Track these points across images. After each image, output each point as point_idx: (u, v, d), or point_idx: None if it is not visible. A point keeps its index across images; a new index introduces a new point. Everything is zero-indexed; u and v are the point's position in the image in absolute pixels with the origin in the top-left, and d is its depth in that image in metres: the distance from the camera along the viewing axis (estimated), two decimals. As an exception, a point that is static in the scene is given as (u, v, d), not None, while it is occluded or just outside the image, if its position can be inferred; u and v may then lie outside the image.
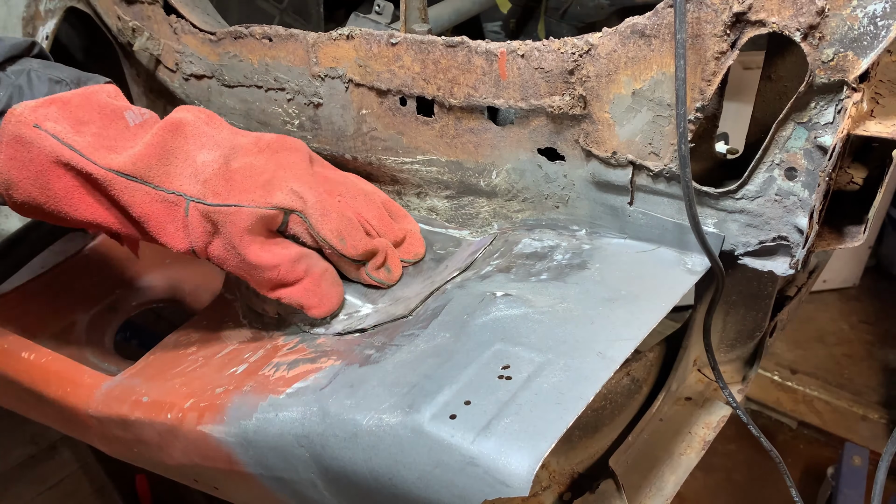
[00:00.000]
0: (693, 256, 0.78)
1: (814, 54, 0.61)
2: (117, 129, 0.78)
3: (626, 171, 0.77)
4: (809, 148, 0.65)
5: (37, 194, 0.75)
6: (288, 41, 0.94)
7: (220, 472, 0.87)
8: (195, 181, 0.76)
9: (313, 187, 0.81)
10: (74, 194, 0.76)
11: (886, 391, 2.42)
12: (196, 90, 1.11)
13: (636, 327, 0.69)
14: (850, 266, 2.81)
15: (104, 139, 0.76)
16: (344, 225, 0.82)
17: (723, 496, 2.22)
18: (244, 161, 0.79)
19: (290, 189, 0.79)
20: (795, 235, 0.70)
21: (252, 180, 0.78)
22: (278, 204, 0.77)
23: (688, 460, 0.95)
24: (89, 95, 0.79)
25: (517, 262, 0.84)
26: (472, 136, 0.87)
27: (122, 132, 0.78)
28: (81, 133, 0.75)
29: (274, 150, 0.83)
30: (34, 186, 0.75)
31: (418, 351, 0.73)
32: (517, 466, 0.56)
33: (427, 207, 1.00)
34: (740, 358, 1.07)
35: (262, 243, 0.78)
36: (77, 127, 0.75)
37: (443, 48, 0.81)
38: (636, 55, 0.69)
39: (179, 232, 0.77)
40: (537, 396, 0.61)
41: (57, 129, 0.73)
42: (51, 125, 0.73)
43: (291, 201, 0.78)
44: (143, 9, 1.10)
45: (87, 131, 0.75)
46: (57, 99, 0.76)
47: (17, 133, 0.72)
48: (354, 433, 0.66)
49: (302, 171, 0.82)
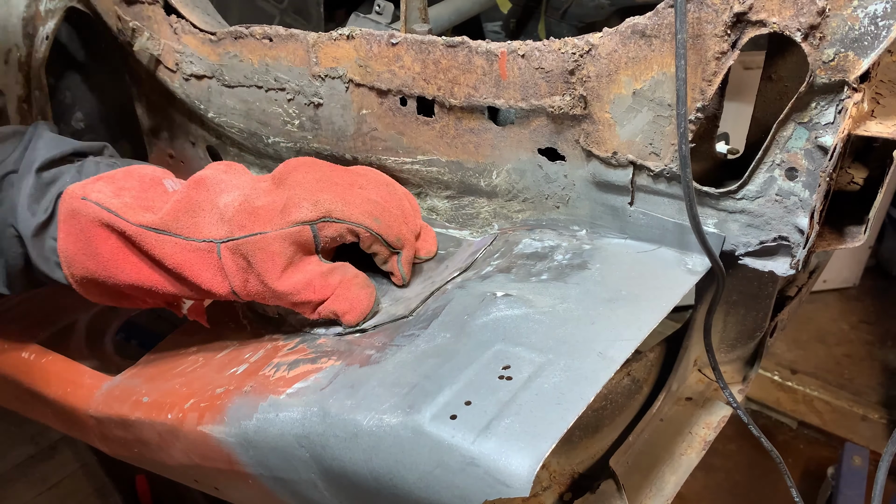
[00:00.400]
0: (693, 256, 0.78)
1: (814, 54, 0.61)
2: (155, 194, 0.83)
3: (626, 171, 0.77)
4: (810, 148, 0.65)
5: (89, 263, 0.80)
6: (288, 41, 0.94)
7: (221, 472, 0.87)
8: (221, 223, 0.79)
9: (328, 189, 0.82)
10: (119, 255, 0.80)
11: (886, 391, 2.42)
12: (196, 90, 1.11)
13: (636, 328, 0.69)
14: (850, 266, 2.81)
15: (141, 201, 0.81)
16: (373, 207, 0.82)
17: (723, 496, 2.22)
18: (266, 199, 0.81)
19: (307, 202, 0.80)
20: (796, 236, 0.70)
21: (272, 210, 0.80)
22: (298, 220, 0.78)
23: (688, 460, 0.95)
24: (133, 169, 0.86)
25: (518, 262, 0.84)
26: (473, 137, 0.87)
27: (160, 196, 0.83)
28: (120, 197, 0.80)
29: (284, 178, 0.84)
30: (86, 255, 0.80)
31: (419, 351, 0.73)
32: (518, 467, 0.56)
33: (427, 207, 1.00)
34: (741, 358, 1.07)
35: (293, 267, 0.80)
36: (118, 193, 0.81)
37: (443, 48, 0.81)
38: (636, 55, 0.69)
39: (217, 277, 0.80)
40: (538, 397, 0.61)
41: (100, 198, 0.79)
42: (95, 195, 0.79)
43: (310, 212, 0.79)
44: (143, 9, 1.10)
45: (126, 195, 0.81)
46: (104, 175, 0.83)
47: (69, 208, 0.79)
48: (355, 433, 0.66)
49: (313, 182, 0.83)
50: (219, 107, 1.09)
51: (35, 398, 1.08)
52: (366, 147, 0.97)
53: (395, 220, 0.84)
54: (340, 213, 0.80)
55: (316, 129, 1.00)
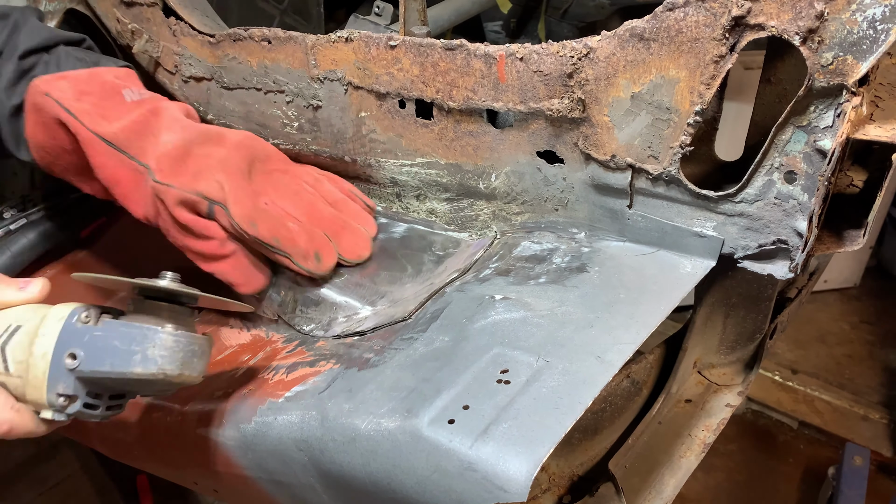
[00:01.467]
0: (693, 259, 0.78)
1: (813, 58, 0.60)
2: (114, 103, 0.89)
3: (625, 174, 0.76)
4: (809, 151, 0.65)
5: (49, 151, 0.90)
6: (287, 43, 0.94)
7: (220, 475, 0.87)
8: (154, 158, 0.86)
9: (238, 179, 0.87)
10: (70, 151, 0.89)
11: (887, 391, 2.42)
12: (195, 92, 1.11)
13: (635, 331, 0.69)
14: (850, 266, 2.81)
15: (100, 109, 0.88)
16: (257, 213, 0.87)
17: (723, 496, 2.22)
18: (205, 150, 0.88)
19: (216, 179, 0.85)
20: (795, 239, 0.70)
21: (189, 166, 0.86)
22: (201, 191, 0.85)
23: (688, 463, 0.95)
24: (96, 73, 0.92)
25: (516, 265, 0.84)
26: (471, 139, 0.87)
27: (118, 106, 0.89)
28: (81, 101, 0.87)
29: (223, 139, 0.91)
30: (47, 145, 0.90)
31: (417, 355, 0.73)
32: (515, 472, 0.56)
33: (426, 210, 1.00)
34: (740, 360, 1.07)
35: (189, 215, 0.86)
36: (79, 96, 0.87)
37: (441, 51, 0.81)
38: (635, 59, 0.69)
39: (140, 200, 0.88)
40: (536, 401, 0.61)
41: (61, 97, 0.86)
42: (57, 93, 0.86)
43: (214, 191, 0.85)
44: (142, 11, 1.10)
45: (86, 101, 0.87)
46: (68, 74, 0.90)
47: (33, 101, 0.88)
48: (353, 438, 0.66)
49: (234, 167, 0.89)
50: (218, 109, 1.09)
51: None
52: (364, 149, 0.97)
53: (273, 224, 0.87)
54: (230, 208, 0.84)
55: (315, 131, 1.00)
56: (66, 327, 0.65)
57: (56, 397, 0.64)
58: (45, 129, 0.89)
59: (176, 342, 0.65)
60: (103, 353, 0.63)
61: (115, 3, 1.13)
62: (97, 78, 0.90)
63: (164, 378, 0.64)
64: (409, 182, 0.98)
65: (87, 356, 0.63)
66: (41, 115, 0.88)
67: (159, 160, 0.85)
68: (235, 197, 0.85)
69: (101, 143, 0.86)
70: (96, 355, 0.64)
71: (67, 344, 0.64)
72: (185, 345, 0.66)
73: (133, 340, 0.63)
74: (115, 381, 0.65)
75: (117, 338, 0.64)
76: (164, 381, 0.65)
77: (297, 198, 0.92)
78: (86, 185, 0.95)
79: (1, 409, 0.65)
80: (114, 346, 0.63)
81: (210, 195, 0.84)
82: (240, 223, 0.84)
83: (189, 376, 0.67)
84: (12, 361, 0.65)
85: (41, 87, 0.87)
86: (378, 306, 0.88)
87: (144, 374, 0.63)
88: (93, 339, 0.64)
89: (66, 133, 0.88)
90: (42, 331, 0.65)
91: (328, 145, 1.00)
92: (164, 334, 0.64)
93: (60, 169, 0.94)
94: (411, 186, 0.98)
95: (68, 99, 0.86)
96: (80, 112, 0.86)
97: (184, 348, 0.65)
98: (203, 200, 0.84)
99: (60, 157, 0.92)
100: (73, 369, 0.64)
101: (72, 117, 0.86)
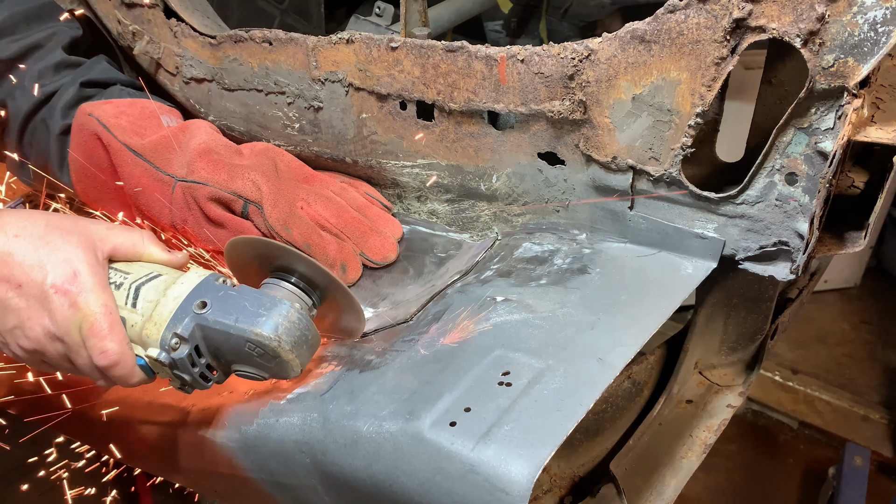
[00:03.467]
0: (694, 261, 0.78)
1: (814, 60, 0.60)
2: (150, 124, 0.95)
3: (626, 175, 0.77)
4: (810, 153, 0.65)
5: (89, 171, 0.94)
6: (288, 45, 0.94)
7: (222, 476, 0.87)
8: (184, 164, 0.89)
9: (273, 182, 0.89)
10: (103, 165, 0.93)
11: (888, 391, 2.42)
12: (196, 93, 1.11)
13: (637, 333, 0.69)
14: (851, 266, 2.80)
15: (136, 127, 0.94)
16: (292, 218, 0.88)
17: (723, 496, 2.22)
18: (224, 153, 0.91)
19: (251, 179, 0.88)
20: (796, 241, 0.70)
21: (222, 165, 0.89)
22: (237, 190, 0.87)
23: (689, 464, 0.95)
24: (139, 101, 0.98)
25: (517, 266, 0.84)
26: (473, 140, 0.87)
27: (154, 127, 0.95)
28: (118, 119, 0.93)
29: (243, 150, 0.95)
30: (88, 161, 0.94)
31: (418, 357, 0.73)
32: (517, 474, 0.56)
33: (428, 211, 1.00)
34: (741, 360, 1.07)
35: (224, 212, 0.88)
36: (117, 115, 0.94)
37: (442, 53, 0.81)
38: (636, 60, 0.69)
39: (164, 209, 0.90)
40: (537, 403, 0.61)
41: (101, 115, 0.93)
42: (98, 112, 0.93)
43: (250, 190, 0.87)
44: (143, 12, 1.10)
45: (124, 119, 0.94)
46: (114, 101, 0.96)
47: (79, 121, 0.94)
48: (355, 440, 0.66)
49: (267, 170, 0.91)
50: (219, 110, 1.09)
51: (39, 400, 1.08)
52: (366, 150, 0.97)
53: (306, 230, 0.89)
54: (266, 210, 0.87)
55: (316, 132, 1.00)
56: (205, 281, 0.72)
57: (171, 336, 0.69)
58: (84, 148, 0.93)
59: (299, 320, 0.71)
60: (232, 308, 0.69)
61: (116, 4, 1.13)
62: (139, 104, 0.97)
63: (276, 347, 0.68)
64: (410, 183, 0.98)
65: (215, 307, 0.69)
66: (83, 134, 0.93)
67: (191, 162, 0.88)
68: (273, 199, 0.87)
69: (129, 154, 0.90)
70: (225, 308, 0.69)
71: (201, 294, 0.70)
72: (304, 327, 0.71)
73: (262, 305, 0.69)
74: (229, 340, 0.69)
75: (248, 300, 0.70)
76: (275, 351, 0.69)
77: (328, 203, 0.94)
78: (118, 209, 0.97)
79: (116, 340, 0.69)
80: (243, 305, 0.69)
81: (246, 195, 0.86)
82: (274, 226, 0.86)
83: (294, 360, 0.70)
84: (142, 300, 0.71)
85: (87, 109, 0.94)
86: (380, 308, 0.88)
87: (262, 337, 0.68)
88: (227, 295, 0.70)
89: (101, 148, 0.92)
90: (181, 280, 0.72)
91: (329, 147, 1.00)
92: (292, 309, 0.70)
93: (96, 193, 0.97)
94: (412, 188, 0.98)
95: (107, 117, 0.93)
96: (115, 127, 0.92)
97: (302, 329, 0.71)
98: (238, 199, 0.87)
99: (95, 177, 0.95)
100: (199, 314, 0.69)
101: (106, 131, 0.91)
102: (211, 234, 0.89)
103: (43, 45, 1.00)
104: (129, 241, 0.74)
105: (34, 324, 0.68)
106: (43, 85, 0.97)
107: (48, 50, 1.00)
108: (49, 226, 0.70)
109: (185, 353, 0.69)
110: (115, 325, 0.69)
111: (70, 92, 0.97)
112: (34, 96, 0.97)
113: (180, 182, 0.88)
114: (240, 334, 0.68)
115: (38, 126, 0.98)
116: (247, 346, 0.69)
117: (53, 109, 0.96)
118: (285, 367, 0.71)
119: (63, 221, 0.71)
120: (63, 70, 1.00)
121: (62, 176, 0.99)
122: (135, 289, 0.71)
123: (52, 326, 0.68)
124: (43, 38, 1.00)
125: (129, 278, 0.72)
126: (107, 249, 0.72)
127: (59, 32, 1.02)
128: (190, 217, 0.89)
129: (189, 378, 0.71)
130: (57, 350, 0.70)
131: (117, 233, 0.74)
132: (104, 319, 0.68)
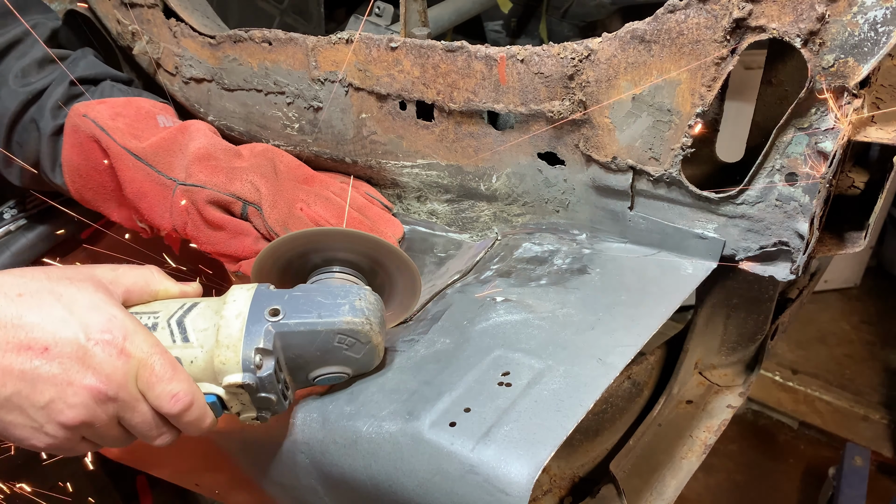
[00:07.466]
0: (694, 261, 0.78)
1: (814, 60, 0.60)
2: (147, 126, 0.93)
3: (626, 175, 0.76)
4: (810, 153, 0.65)
5: (82, 172, 0.93)
6: (287, 45, 0.94)
7: (221, 476, 0.87)
8: (183, 167, 0.89)
9: (272, 183, 0.89)
10: (101, 169, 0.92)
11: (888, 391, 2.42)
12: (196, 93, 1.11)
13: (636, 333, 0.69)
14: (851, 266, 2.81)
15: (133, 129, 0.92)
16: (291, 219, 0.88)
17: (723, 496, 2.22)
18: (223, 156, 0.90)
19: (250, 181, 0.87)
20: (796, 241, 0.70)
21: (220, 168, 0.88)
22: (235, 192, 0.86)
23: (689, 464, 0.95)
24: (133, 100, 0.96)
25: (517, 266, 0.84)
26: (472, 141, 0.87)
27: (151, 128, 0.93)
28: (115, 120, 0.91)
29: (241, 151, 0.95)
30: (81, 166, 0.92)
31: (418, 357, 0.73)
32: (517, 475, 0.56)
33: (427, 211, 1.00)
34: (741, 361, 1.07)
35: (223, 215, 0.87)
36: (114, 117, 0.92)
37: (442, 53, 0.81)
38: (636, 60, 0.69)
39: (166, 213, 0.90)
40: (537, 404, 0.61)
41: (97, 116, 0.91)
42: (94, 113, 0.91)
43: (248, 192, 0.87)
44: (142, 12, 1.10)
45: (121, 121, 0.92)
46: (108, 100, 0.94)
47: (72, 122, 0.91)
48: (354, 440, 0.66)
49: (266, 171, 0.91)
50: (218, 110, 1.09)
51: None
52: (365, 151, 0.97)
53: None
54: (265, 211, 0.86)
55: (315, 132, 1.00)
56: (260, 291, 0.66)
57: (253, 353, 0.62)
58: (80, 150, 0.92)
59: (377, 300, 0.69)
60: (308, 307, 0.65)
61: (115, 4, 1.12)
62: (134, 104, 0.95)
63: (369, 331, 0.66)
64: (409, 183, 0.98)
65: (289, 311, 0.64)
66: (78, 135, 0.91)
67: (189, 166, 0.88)
68: (272, 200, 0.87)
69: (130, 158, 0.89)
70: (300, 309, 0.65)
71: (263, 304, 0.65)
72: (381, 308, 0.69)
73: (338, 295, 0.67)
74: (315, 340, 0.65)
75: (320, 294, 0.67)
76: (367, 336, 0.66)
77: (328, 204, 0.93)
78: (115, 211, 0.97)
79: (183, 379, 0.61)
80: (318, 301, 0.66)
81: (245, 196, 0.86)
82: (273, 227, 0.86)
83: (381, 344, 0.69)
84: (192, 331, 0.64)
85: (80, 109, 0.91)
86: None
87: (353, 324, 0.65)
88: (293, 297, 0.66)
89: (99, 150, 0.91)
90: (230, 297, 0.65)
91: (329, 147, 1.00)
92: (368, 291, 0.68)
93: (91, 194, 0.95)
94: (412, 188, 0.98)
95: (104, 118, 0.91)
96: (113, 130, 0.90)
97: (382, 309, 0.69)
98: (237, 201, 0.86)
99: (92, 179, 0.93)
100: (275, 321, 0.64)
101: (105, 134, 0.89)
102: (210, 236, 0.88)
103: (23, 40, 0.96)
104: (142, 280, 0.66)
105: (77, 389, 0.57)
106: (28, 83, 0.94)
107: (29, 45, 0.96)
108: (51, 277, 0.60)
109: (271, 368, 0.63)
110: (176, 365, 0.61)
111: (59, 91, 0.94)
112: (21, 95, 0.93)
113: (180, 185, 0.88)
114: (328, 328, 0.64)
115: (28, 126, 0.95)
116: (337, 340, 0.65)
117: (43, 109, 0.93)
118: (373, 353, 0.68)
119: (64, 271, 0.62)
120: (48, 66, 0.96)
121: (54, 177, 0.96)
122: (176, 323, 0.64)
123: (101, 385, 0.57)
124: (22, 32, 0.96)
125: (161, 316, 0.64)
126: (120, 293, 0.64)
127: (39, 25, 0.98)
128: (190, 220, 0.89)
129: (274, 398, 0.64)
130: (108, 413, 0.59)
131: (125, 273, 0.66)
132: (163, 360, 0.60)
